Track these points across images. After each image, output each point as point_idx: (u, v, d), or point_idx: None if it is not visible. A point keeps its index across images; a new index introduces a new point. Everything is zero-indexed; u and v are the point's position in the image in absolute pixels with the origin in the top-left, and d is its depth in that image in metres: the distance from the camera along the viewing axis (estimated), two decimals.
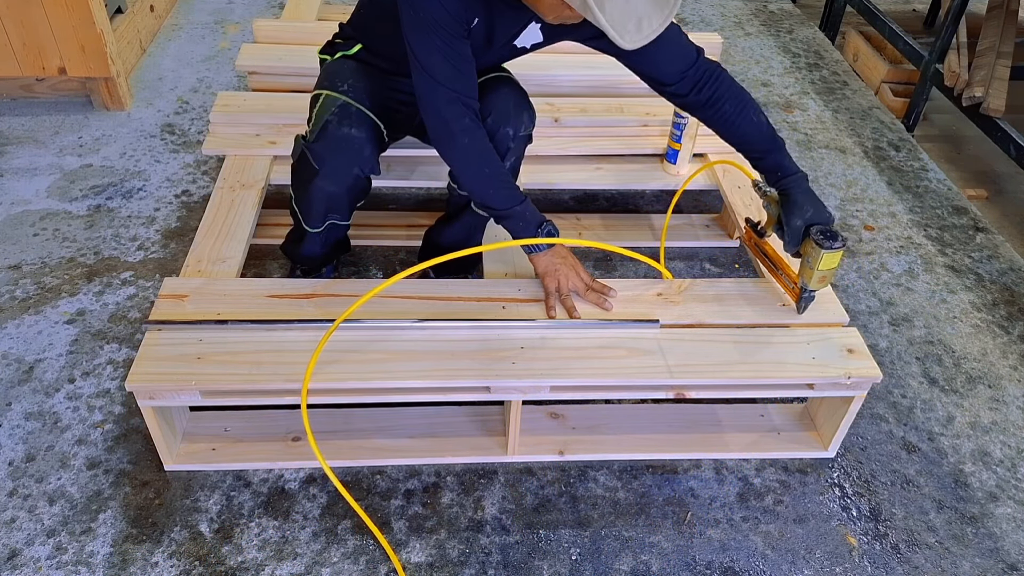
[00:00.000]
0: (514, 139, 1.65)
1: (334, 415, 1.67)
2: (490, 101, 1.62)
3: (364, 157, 1.61)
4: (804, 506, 1.59)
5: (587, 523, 1.53)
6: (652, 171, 2.19)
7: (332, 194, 1.66)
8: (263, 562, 1.43)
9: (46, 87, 2.63)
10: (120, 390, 1.72)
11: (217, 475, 1.57)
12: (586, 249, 2.19)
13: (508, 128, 1.63)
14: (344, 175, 1.62)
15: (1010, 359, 1.96)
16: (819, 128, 2.86)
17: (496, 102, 1.62)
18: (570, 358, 1.51)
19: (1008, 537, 1.56)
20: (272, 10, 3.54)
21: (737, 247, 2.22)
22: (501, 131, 1.62)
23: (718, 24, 3.62)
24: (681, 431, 1.69)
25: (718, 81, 1.58)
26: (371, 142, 1.61)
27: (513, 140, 1.65)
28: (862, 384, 1.54)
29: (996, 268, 2.26)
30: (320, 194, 1.66)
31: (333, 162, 1.60)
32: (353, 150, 1.59)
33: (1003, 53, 2.72)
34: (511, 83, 1.69)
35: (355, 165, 1.61)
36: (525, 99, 1.69)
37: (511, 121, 1.63)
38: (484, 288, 1.66)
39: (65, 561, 1.41)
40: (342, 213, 1.73)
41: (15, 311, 1.91)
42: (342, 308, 1.58)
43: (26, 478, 1.54)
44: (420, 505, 1.54)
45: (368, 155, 1.61)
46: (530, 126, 1.68)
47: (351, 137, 1.58)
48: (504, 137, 1.63)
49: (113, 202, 2.27)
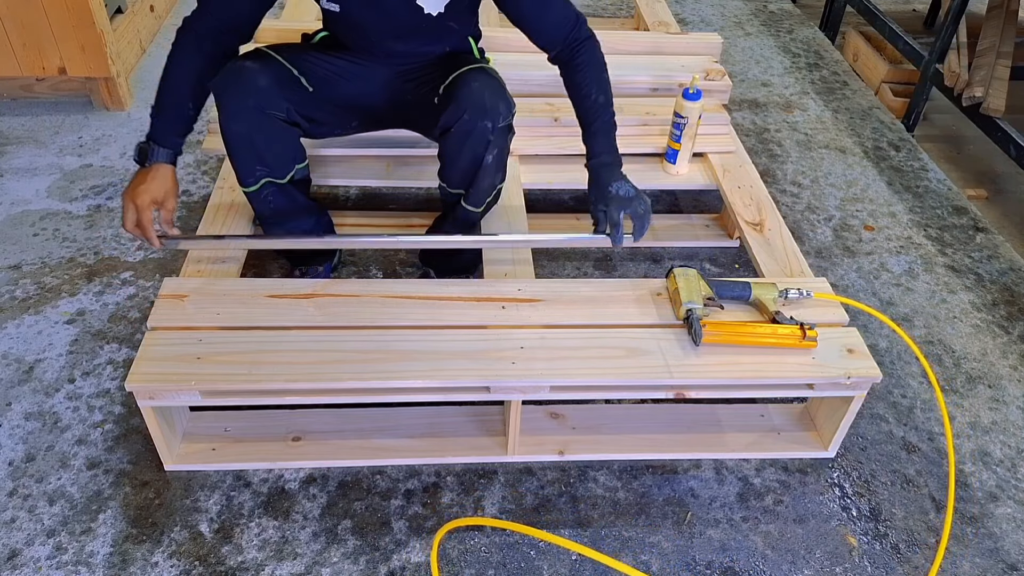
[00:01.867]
0: (493, 132, 1.61)
1: (334, 415, 1.67)
2: (464, 96, 1.60)
3: (259, 88, 1.58)
4: (804, 506, 1.59)
5: (587, 523, 1.53)
6: (652, 171, 2.19)
7: (240, 134, 1.62)
8: (263, 562, 1.43)
9: (46, 87, 2.63)
10: (120, 390, 1.72)
11: (217, 475, 1.57)
12: (586, 249, 2.19)
13: (486, 122, 1.60)
14: (241, 108, 1.59)
15: (1010, 359, 1.96)
16: (819, 128, 2.86)
17: (470, 97, 1.59)
18: (570, 358, 1.51)
19: (1008, 537, 1.56)
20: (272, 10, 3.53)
21: (737, 247, 2.22)
22: (479, 125, 1.60)
23: (718, 24, 3.62)
24: (681, 431, 1.69)
25: (584, 52, 1.64)
26: (269, 77, 1.60)
27: (492, 133, 1.61)
28: (862, 384, 1.54)
29: (996, 268, 2.26)
30: (230, 135, 1.63)
31: (227, 95, 1.58)
32: (246, 80, 1.57)
33: (1003, 53, 2.72)
34: (484, 74, 1.65)
35: (250, 96, 1.58)
36: (500, 89, 1.64)
37: (488, 114, 1.60)
38: (484, 288, 1.66)
39: (65, 561, 1.41)
40: (270, 166, 1.69)
41: (15, 311, 1.91)
42: (342, 308, 1.59)
43: (26, 478, 1.55)
44: (420, 505, 1.54)
45: (264, 87, 1.59)
46: (508, 116, 1.64)
47: (243, 67, 1.58)
48: (483, 131, 1.60)
49: (113, 202, 2.27)
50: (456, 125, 1.60)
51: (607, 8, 3.64)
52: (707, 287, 1.61)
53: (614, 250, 1.74)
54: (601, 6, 3.67)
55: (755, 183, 2.13)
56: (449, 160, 1.70)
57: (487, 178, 1.71)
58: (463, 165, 1.68)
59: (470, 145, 1.63)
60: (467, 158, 1.66)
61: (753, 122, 2.86)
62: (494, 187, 1.78)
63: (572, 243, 1.78)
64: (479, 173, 1.68)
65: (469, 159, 1.66)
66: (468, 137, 1.61)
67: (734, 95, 2.96)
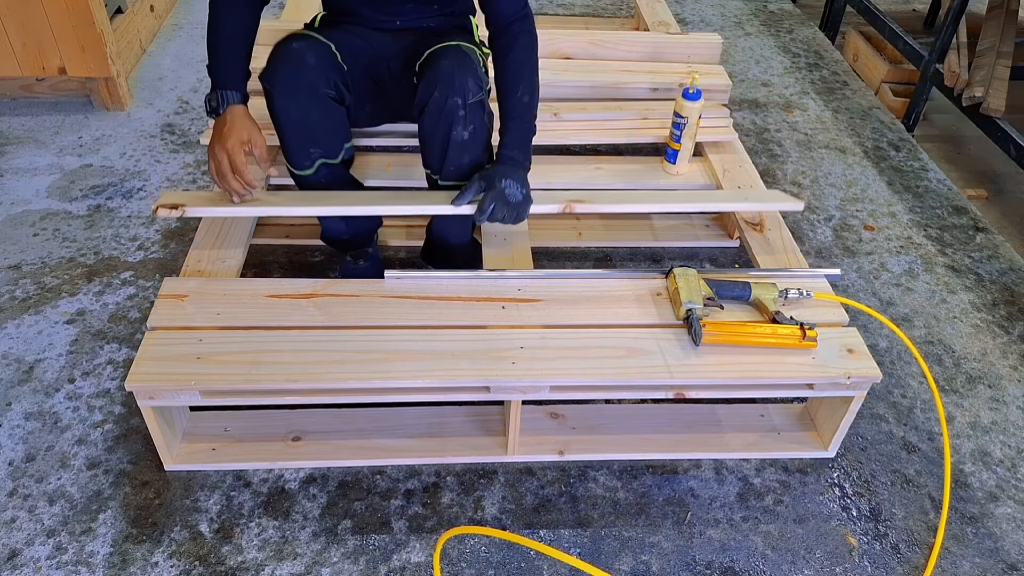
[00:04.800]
0: (464, 107, 1.60)
1: (334, 415, 1.67)
2: (432, 73, 1.61)
3: (310, 66, 1.60)
4: (804, 506, 1.59)
5: (587, 523, 1.53)
6: (652, 171, 2.19)
7: (296, 117, 1.64)
8: (263, 562, 1.43)
9: (46, 87, 2.63)
10: (120, 390, 1.72)
11: (217, 475, 1.57)
12: (586, 249, 2.19)
13: (456, 97, 1.59)
14: (296, 87, 1.61)
15: (1010, 359, 1.96)
16: (819, 128, 2.86)
17: (439, 73, 1.60)
18: (570, 358, 1.51)
19: (1008, 537, 1.56)
20: (272, 10, 3.53)
21: (737, 247, 2.22)
22: (450, 101, 1.59)
23: (718, 24, 3.62)
24: (681, 431, 1.69)
25: (521, 47, 1.65)
26: (316, 54, 1.62)
27: (463, 108, 1.60)
28: (862, 384, 1.54)
29: (996, 268, 2.26)
30: (286, 118, 1.64)
31: (281, 74, 1.60)
32: (296, 59, 1.60)
33: (1003, 53, 2.72)
34: (456, 51, 1.64)
35: (302, 75, 1.60)
36: (471, 65, 1.63)
37: (456, 90, 1.59)
38: (484, 288, 1.66)
39: (65, 561, 1.41)
40: (324, 146, 1.71)
41: (15, 311, 1.91)
42: (342, 308, 1.59)
43: (26, 478, 1.55)
44: (420, 505, 1.54)
45: (314, 64, 1.61)
46: (478, 92, 1.62)
47: (292, 48, 1.61)
48: (454, 107, 1.60)
49: (113, 202, 2.27)
50: (428, 103, 1.61)
51: (607, 8, 3.64)
52: (707, 287, 1.61)
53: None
54: (601, 6, 3.66)
55: (755, 183, 2.13)
56: (426, 141, 1.69)
57: (465, 155, 1.68)
58: (439, 143, 1.67)
59: (443, 122, 1.62)
60: (440, 136, 1.65)
61: (753, 122, 2.86)
62: (476, 165, 1.72)
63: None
64: (452, 150, 1.66)
65: (442, 137, 1.65)
66: (439, 114, 1.61)
67: (734, 95, 2.95)
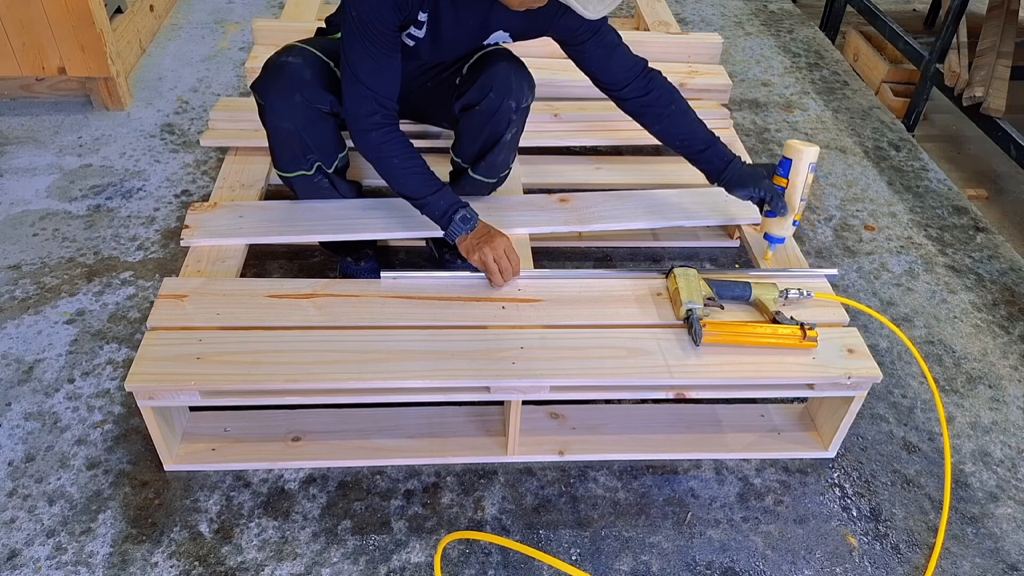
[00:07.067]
0: (516, 111, 1.69)
1: (334, 415, 1.67)
2: (489, 75, 1.65)
3: (304, 82, 1.61)
4: (804, 506, 1.59)
5: (587, 523, 1.53)
6: (652, 170, 2.19)
7: (288, 131, 1.65)
8: (263, 562, 1.43)
9: (46, 87, 2.63)
10: (120, 390, 1.72)
11: (217, 475, 1.57)
12: (586, 249, 2.19)
13: (511, 101, 1.66)
14: (289, 104, 1.61)
15: (1010, 359, 1.96)
16: (819, 128, 2.86)
17: (496, 76, 1.65)
18: (570, 358, 1.51)
19: (1008, 537, 1.56)
20: (272, 10, 3.54)
21: (737, 247, 2.22)
22: (504, 104, 1.66)
23: (718, 24, 3.62)
24: (681, 431, 1.69)
25: (663, 88, 1.71)
26: (311, 69, 1.62)
27: (515, 112, 1.69)
28: (862, 384, 1.54)
29: (996, 268, 2.25)
30: (280, 134, 1.65)
31: (273, 89, 1.61)
32: (289, 74, 1.60)
33: (1003, 53, 2.72)
34: (508, 56, 1.71)
35: (296, 91, 1.60)
36: (524, 71, 1.71)
37: (513, 94, 1.66)
38: (484, 288, 1.66)
39: (65, 561, 1.41)
40: (317, 158, 1.72)
41: (15, 311, 1.91)
42: (342, 308, 1.58)
43: (26, 478, 1.54)
44: (420, 505, 1.54)
45: (308, 80, 1.61)
46: (531, 97, 1.72)
47: (286, 63, 1.61)
48: (507, 110, 1.67)
49: (113, 202, 2.27)
50: (482, 103, 1.66)
51: None
52: (707, 287, 1.61)
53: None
54: None
55: None
56: (469, 136, 1.75)
57: (502, 153, 1.77)
58: (482, 141, 1.74)
59: (493, 123, 1.69)
60: (487, 135, 1.72)
61: (753, 122, 2.86)
62: (507, 165, 1.85)
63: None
64: (495, 147, 1.74)
65: (488, 135, 1.72)
66: (492, 115, 1.67)
67: (734, 95, 2.95)
